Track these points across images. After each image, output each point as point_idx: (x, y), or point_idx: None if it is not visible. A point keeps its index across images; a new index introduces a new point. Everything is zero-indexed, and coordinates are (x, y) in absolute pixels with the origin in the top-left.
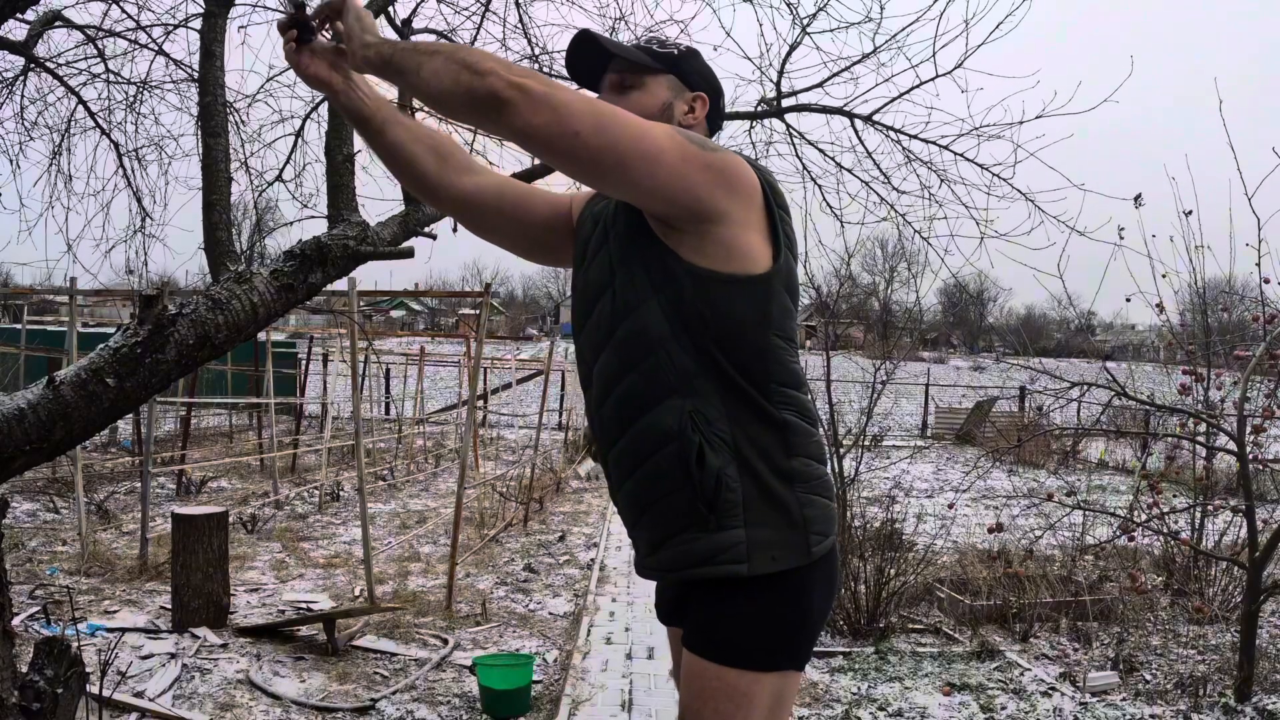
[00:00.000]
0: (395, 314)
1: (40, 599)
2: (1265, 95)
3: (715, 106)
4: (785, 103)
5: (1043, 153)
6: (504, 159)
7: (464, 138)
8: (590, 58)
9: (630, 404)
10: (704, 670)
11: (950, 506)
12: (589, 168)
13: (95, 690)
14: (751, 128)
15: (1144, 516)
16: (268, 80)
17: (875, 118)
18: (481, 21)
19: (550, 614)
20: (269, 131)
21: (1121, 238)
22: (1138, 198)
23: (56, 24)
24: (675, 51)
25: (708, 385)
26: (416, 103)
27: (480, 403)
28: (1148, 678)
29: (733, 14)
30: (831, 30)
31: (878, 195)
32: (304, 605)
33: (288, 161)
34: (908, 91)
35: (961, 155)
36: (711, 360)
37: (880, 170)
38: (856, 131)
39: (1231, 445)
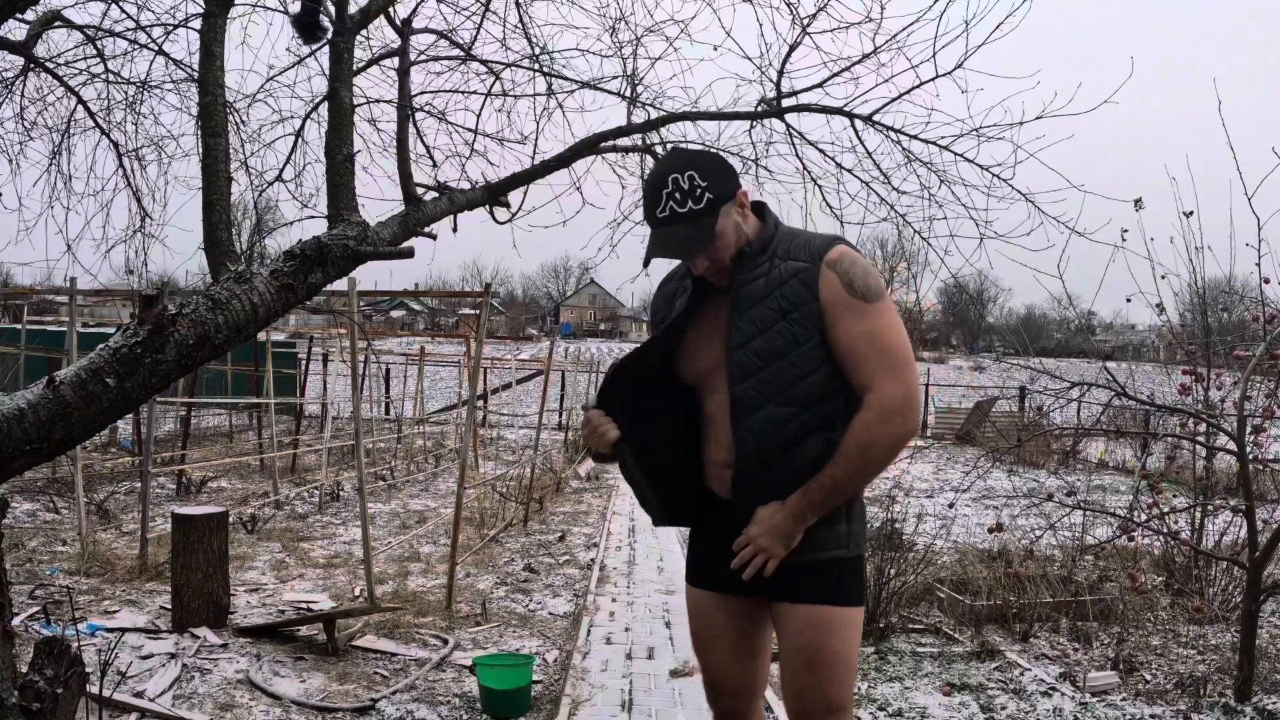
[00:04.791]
0: (395, 314)
1: (40, 599)
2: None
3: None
4: (785, 103)
5: (1043, 153)
6: (505, 159)
7: (463, 138)
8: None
9: (789, 435)
10: (831, 614)
11: (950, 506)
12: None
13: (95, 690)
14: (751, 128)
15: (1144, 516)
16: (268, 80)
17: (875, 118)
18: (482, 21)
19: (550, 614)
20: (269, 131)
21: (1124, 239)
22: (1138, 201)
23: (56, 24)
24: (708, 192)
25: (840, 421)
26: (414, 103)
27: (480, 403)
28: (1148, 678)
29: (733, 14)
30: (831, 30)
31: (878, 196)
32: (304, 605)
33: (288, 161)
34: (908, 92)
35: (961, 156)
36: (846, 403)
37: (880, 171)
38: (856, 132)
39: (1231, 445)
